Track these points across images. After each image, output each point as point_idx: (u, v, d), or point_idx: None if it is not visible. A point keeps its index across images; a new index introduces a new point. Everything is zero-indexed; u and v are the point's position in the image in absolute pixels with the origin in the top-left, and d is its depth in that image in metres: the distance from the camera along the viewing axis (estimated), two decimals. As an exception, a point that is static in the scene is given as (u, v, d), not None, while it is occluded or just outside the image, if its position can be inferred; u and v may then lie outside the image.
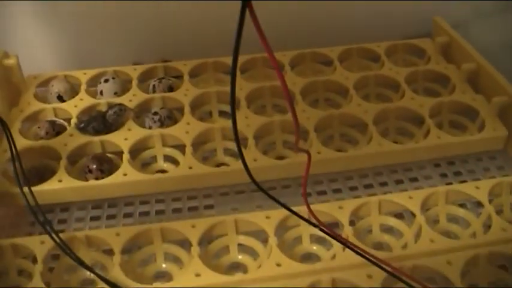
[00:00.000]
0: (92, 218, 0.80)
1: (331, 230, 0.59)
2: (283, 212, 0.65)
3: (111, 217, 0.80)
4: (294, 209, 0.60)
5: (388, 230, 0.74)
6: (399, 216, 0.76)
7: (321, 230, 0.59)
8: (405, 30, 1.11)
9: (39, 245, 0.69)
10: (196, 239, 0.69)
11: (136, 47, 1.08)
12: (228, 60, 1.00)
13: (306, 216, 0.60)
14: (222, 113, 0.93)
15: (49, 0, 1.01)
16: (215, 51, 1.00)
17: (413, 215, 0.73)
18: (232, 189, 0.83)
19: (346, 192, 0.82)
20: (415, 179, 0.84)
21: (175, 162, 0.84)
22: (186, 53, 1.03)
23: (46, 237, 0.68)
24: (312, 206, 0.61)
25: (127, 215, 0.80)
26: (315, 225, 0.59)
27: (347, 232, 0.69)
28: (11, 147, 0.71)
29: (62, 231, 0.76)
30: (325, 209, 0.72)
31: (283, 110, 0.93)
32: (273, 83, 0.94)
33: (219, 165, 0.84)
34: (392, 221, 0.74)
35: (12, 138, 0.71)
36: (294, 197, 0.80)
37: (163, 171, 0.84)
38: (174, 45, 1.08)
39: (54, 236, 0.67)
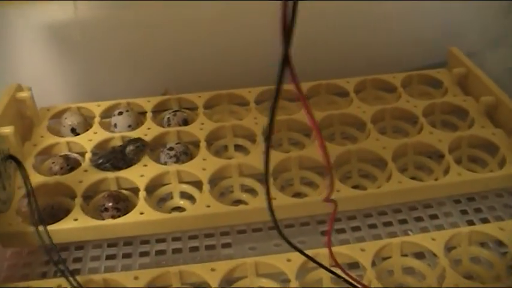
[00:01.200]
0: (108, 257, 0.79)
1: (353, 278, 0.58)
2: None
3: (127, 256, 0.79)
4: (314, 251, 0.61)
5: (410, 271, 0.73)
6: (420, 255, 0.74)
7: (345, 280, 0.58)
8: (419, 61, 1.10)
9: (56, 288, 0.67)
10: (216, 282, 0.67)
11: (149, 79, 1.07)
12: (242, 92, 0.99)
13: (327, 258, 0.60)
14: (237, 147, 0.92)
15: (60, 29, 0.99)
16: (229, 83, 1.00)
17: (435, 255, 0.71)
18: (250, 227, 0.82)
19: (365, 230, 0.81)
20: (435, 216, 0.83)
21: (191, 198, 0.82)
22: (199, 84, 1.02)
23: (63, 281, 0.67)
24: (333, 248, 0.60)
25: (143, 254, 0.79)
26: (338, 276, 0.58)
27: (370, 276, 0.68)
28: (27, 186, 0.70)
29: (77, 270, 0.75)
30: (346, 251, 0.71)
31: (300, 144, 0.92)
32: (289, 116, 0.92)
33: (235, 202, 0.83)
34: (415, 263, 0.72)
35: (28, 179, 0.70)
36: (313, 235, 0.80)
37: (179, 208, 0.82)
38: (186, 77, 1.07)
39: (71, 280, 0.65)
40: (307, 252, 0.60)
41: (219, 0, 1.00)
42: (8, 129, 0.82)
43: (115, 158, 0.83)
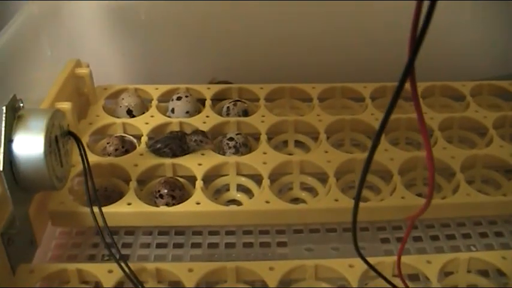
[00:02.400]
0: (158, 245, 0.76)
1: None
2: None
3: (178, 246, 0.76)
4: (378, 259, 0.61)
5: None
6: (485, 273, 0.70)
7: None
8: (490, 71, 1.06)
9: (107, 273, 0.65)
10: (275, 282, 0.64)
11: (210, 66, 1.04)
12: (305, 87, 0.96)
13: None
14: (298, 143, 0.89)
15: (124, 8, 0.97)
16: (289, 78, 0.97)
17: (503, 274, 0.67)
18: (307, 227, 0.78)
19: (426, 241, 0.78)
20: (500, 234, 0.79)
21: (248, 192, 0.79)
22: (260, 76, 0.99)
23: (114, 266, 0.64)
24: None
25: (195, 245, 0.76)
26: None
27: (435, 291, 0.64)
28: (84, 167, 0.67)
29: (127, 256, 0.73)
30: (411, 261, 0.67)
31: (363, 146, 0.88)
32: (353, 116, 0.89)
33: (294, 199, 0.80)
34: (482, 282, 0.68)
35: (86, 157, 0.68)
36: (372, 242, 0.77)
37: (234, 200, 0.79)
38: (248, 67, 1.04)
39: (124, 266, 0.63)
40: (371, 260, 0.57)
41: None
42: (66, 105, 0.79)
43: (174, 143, 0.80)
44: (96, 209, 0.67)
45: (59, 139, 0.65)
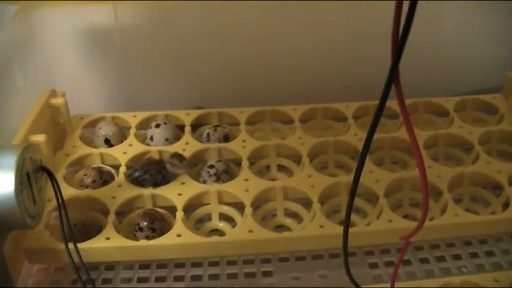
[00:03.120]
0: (140, 280, 0.74)
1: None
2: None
3: (160, 280, 0.73)
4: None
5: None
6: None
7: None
8: (471, 85, 1.04)
9: (85, 313, 0.62)
10: (260, 316, 0.61)
11: (188, 90, 1.02)
12: (286, 109, 0.94)
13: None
14: (280, 168, 0.87)
15: (99, 33, 0.95)
16: (268, 100, 0.95)
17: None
18: (292, 255, 0.76)
19: (416, 264, 0.75)
20: (491, 253, 0.77)
21: (230, 221, 0.77)
22: (239, 99, 0.97)
23: (92, 304, 0.61)
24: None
25: (178, 278, 0.74)
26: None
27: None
28: (58, 203, 0.65)
29: (107, 293, 0.70)
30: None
31: (347, 167, 0.86)
32: (336, 138, 0.87)
33: (278, 227, 0.77)
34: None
35: (60, 193, 0.65)
36: (361, 267, 0.74)
37: (217, 230, 0.77)
38: (227, 91, 1.02)
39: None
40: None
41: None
42: (40, 138, 0.77)
43: (153, 169, 0.78)
44: (72, 246, 0.64)
45: (31, 175, 0.62)
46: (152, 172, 0.77)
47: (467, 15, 1.04)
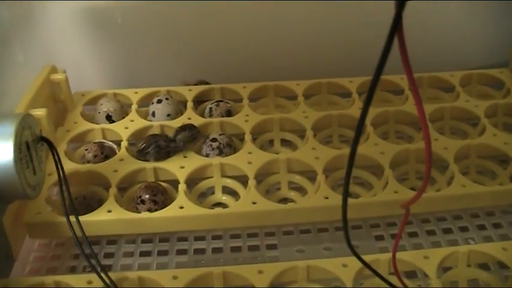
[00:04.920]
0: (142, 253, 0.73)
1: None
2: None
3: (162, 253, 0.72)
4: (373, 257, 0.60)
5: (475, 283, 0.65)
6: (485, 267, 0.67)
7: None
8: (478, 60, 1.03)
9: (86, 285, 0.61)
10: (264, 286, 0.60)
11: (189, 67, 1.00)
12: (290, 84, 0.92)
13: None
14: (284, 142, 0.85)
15: (101, 11, 0.94)
16: (269, 75, 0.94)
17: (504, 267, 0.64)
18: (297, 228, 0.75)
19: (423, 236, 0.74)
20: (498, 225, 0.76)
21: (234, 194, 0.76)
22: (242, 75, 0.96)
23: (94, 277, 0.60)
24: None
25: (180, 252, 0.73)
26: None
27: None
28: (59, 173, 0.64)
29: (109, 266, 0.69)
30: (408, 258, 0.63)
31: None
32: (340, 111, 0.86)
33: (282, 200, 0.76)
34: (483, 275, 0.65)
35: (60, 163, 0.64)
36: (366, 240, 0.73)
37: (220, 204, 0.76)
38: (228, 67, 1.01)
39: (104, 276, 0.59)
40: (366, 257, 0.54)
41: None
42: (40, 111, 0.76)
43: (158, 142, 0.76)
44: (73, 219, 0.63)
45: (31, 145, 0.62)
46: (157, 146, 0.76)
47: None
